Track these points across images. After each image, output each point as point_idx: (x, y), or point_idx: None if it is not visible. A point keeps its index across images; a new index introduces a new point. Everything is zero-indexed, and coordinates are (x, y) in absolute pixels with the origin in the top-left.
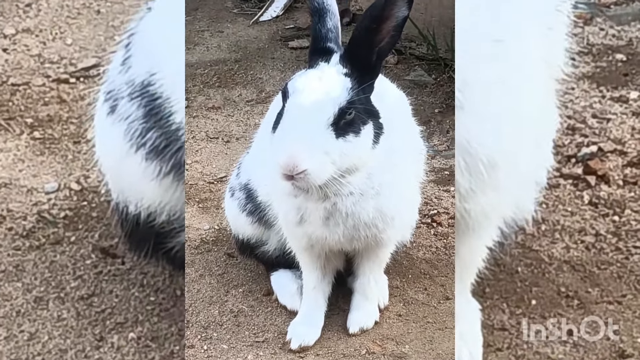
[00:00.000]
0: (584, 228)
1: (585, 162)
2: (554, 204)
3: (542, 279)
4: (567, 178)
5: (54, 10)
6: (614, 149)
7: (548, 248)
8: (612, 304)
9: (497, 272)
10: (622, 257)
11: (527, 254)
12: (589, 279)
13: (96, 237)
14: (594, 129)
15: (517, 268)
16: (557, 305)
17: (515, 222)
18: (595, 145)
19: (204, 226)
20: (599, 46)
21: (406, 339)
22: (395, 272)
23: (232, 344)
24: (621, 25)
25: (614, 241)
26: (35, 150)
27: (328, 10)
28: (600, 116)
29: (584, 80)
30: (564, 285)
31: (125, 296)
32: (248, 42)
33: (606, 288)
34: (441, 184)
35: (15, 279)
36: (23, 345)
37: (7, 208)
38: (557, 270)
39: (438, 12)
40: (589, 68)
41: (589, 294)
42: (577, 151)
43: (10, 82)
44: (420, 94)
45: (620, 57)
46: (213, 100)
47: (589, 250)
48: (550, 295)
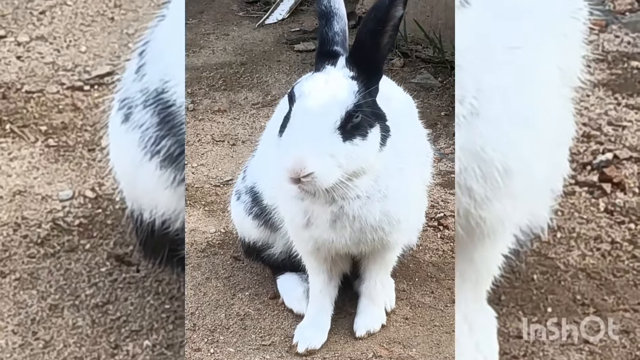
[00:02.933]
0: (599, 236)
1: (600, 169)
2: (570, 212)
3: (558, 287)
4: (583, 185)
5: (68, 17)
6: (629, 156)
7: (564, 255)
8: (629, 311)
9: (513, 279)
10: (638, 265)
11: (542, 261)
12: (605, 287)
13: (111, 244)
14: (609, 136)
15: (533, 275)
16: (573, 313)
17: (531, 229)
18: (611, 153)
19: (210, 229)
20: (614, 53)
21: (413, 343)
22: (402, 275)
23: (239, 347)
24: (636, 33)
25: (629, 249)
26: (50, 157)
27: (335, 14)
28: (616, 123)
29: (600, 87)
30: (580, 292)
31: (140, 304)
32: (254, 45)
33: (622, 296)
34: (447, 187)
35: (30, 286)
36: (38, 353)
37: (22, 215)
38: (573, 278)
39: (444, 15)
40: (605, 75)
41: (605, 301)
42: (592, 158)
43: (24, 90)
44: (427, 97)
45: (636, 65)
46: (219, 103)
47: (604, 257)
48: (567, 303)
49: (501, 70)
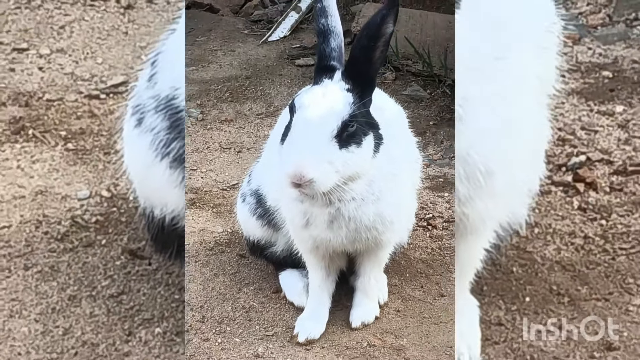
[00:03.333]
0: (573, 231)
1: (574, 170)
2: (546, 209)
3: (535, 278)
4: (558, 185)
5: (86, 31)
6: (601, 159)
7: (541, 249)
8: (600, 300)
9: (494, 271)
10: (609, 258)
11: (521, 255)
12: (579, 278)
13: (125, 240)
14: (582, 140)
15: (513, 268)
16: (549, 302)
17: (510, 225)
18: (584, 155)
19: (217, 229)
20: (587, 64)
21: (404, 333)
22: (394, 271)
23: (244, 337)
24: (607, 45)
25: (601, 243)
26: (69, 160)
27: (332, 32)
28: (589, 128)
29: (574, 95)
30: (556, 283)
31: (152, 294)
32: (258, 61)
33: (594, 286)
34: (436, 190)
35: (50, 278)
36: (58, 339)
37: (43, 213)
38: (549, 270)
39: (432, 32)
40: (578, 84)
41: (578, 291)
42: (567, 160)
43: (45, 98)
44: (416, 107)
45: (607, 74)
46: (226, 113)
47: (578, 251)
48: (543, 293)
49: (485, 79)
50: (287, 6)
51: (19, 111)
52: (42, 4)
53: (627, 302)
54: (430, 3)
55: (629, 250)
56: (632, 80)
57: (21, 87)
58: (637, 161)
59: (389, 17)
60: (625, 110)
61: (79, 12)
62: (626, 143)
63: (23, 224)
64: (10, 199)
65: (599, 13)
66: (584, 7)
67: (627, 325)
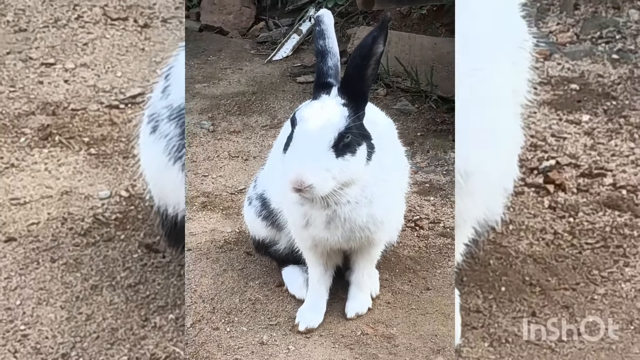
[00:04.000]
0: (544, 228)
1: (545, 173)
2: (520, 208)
3: (510, 270)
4: (531, 186)
5: (107, 48)
6: (569, 162)
7: (515, 244)
8: (568, 290)
9: (473, 264)
10: (576, 252)
11: (497, 249)
12: (549, 270)
13: (141, 235)
14: (552, 146)
15: (489, 261)
16: (523, 292)
17: (487, 222)
18: (554, 159)
19: (227, 229)
20: (557, 78)
21: (394, 323)
22: (385, 267)
23: (250, 326)
24: (575, 60)
25: (569, 239)
26: (91, 164)
27: (329, 52)
28: (558, 135)
29: (544, 105)
30: (528, 275)
31: (166, 284)
32: (263, 78)
33: (563, 277)
34: (422, 194)
35: (74, 270)
36: (81, 325)
37: (68, 212)
38: (522, 263)
39: (420, 53)
40: (549, 96)
41: (548, 282)
42: (538, 164)
43: (70, 108)
44: (405, 120)
45: (574, 87)
46: (234, 125)
47: (548, 246)
48: (517, 284)
49: (465, 89)
50: (289, 29)
51: (46, 119)
52: (68, 24)
53: (592, 291)
54: (417, 27)
55: (594, 245)
56: (597, 92)
57: (49, 97)
58: (601, 165)
59: (380, 38)
60: (591, 119)
61: (101, 31)
62: (592, 149)
63: (50, 221)
64: (38, 198)
65: (568, 32)
66: (554, 27)
67: (592, 313)
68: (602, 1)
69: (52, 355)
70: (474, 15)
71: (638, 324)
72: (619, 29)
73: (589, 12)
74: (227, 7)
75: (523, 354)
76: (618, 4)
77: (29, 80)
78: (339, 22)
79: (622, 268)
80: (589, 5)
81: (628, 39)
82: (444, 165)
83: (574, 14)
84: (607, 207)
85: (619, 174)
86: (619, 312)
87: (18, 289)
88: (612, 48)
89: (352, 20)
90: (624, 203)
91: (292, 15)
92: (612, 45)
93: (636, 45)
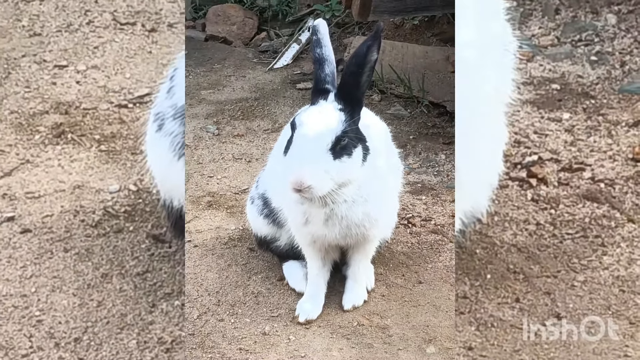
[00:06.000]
0: (527, 219)
1: (528, 167)
2: (504, 201)
3: (495, 259)
4: (515, 180)
5: (116, 51)
6: (550, 158)
7: (499, 234)
8: (550, 277)
9: (460, 253)
10: (557, 242)
11: (483, 239)
12: (532, 259)
13: (149, 226)
14: (535, 142)
15: (476, 250)
16: (507, 279)
17: (473, 214)
18: (536, 155)
19: (231, 227)
20: (539, 78)
21: (388, 314)
22: (380, 262)
23: (253, 318)
24: (556, 62)
25: (551, 229)
26: (102, 159)
27: (326, 60)
28: (540, 132)
29: (527, 104)
30: (512, 263)
31: (172, 272)
32: (265, 85)
33: (545, 265)
34: (415, 194)
35: (86, 259)
36: (93, 310)
37: (80, 205)
38: (506, 252)
39: (412, 60)
40: (531, 95)
41: (531, 270)
42: (522, 159)
43: (82, 107)
44: (399, 124)
45: (555, 87)
46: (238, 129)
47: (531, 236)
48: (502, 271)
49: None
50: (289, 39)
51: (59, 118)
52: (79, 28)
53: (572, 278)
54: (410, 36)
55: (573, 235)
56: (576, 91)
57: (62, 97)
58: (580, 160)
59: (373, 47)
60: (571, 117)
61: (111, 35)
62: (571, 145)
63: (63, 213)
64: (52, 192)
65: (549, 35)
66: (536, 30)
67: (572, 299)
68: (582, 6)
69: (65, 340)
70: (466, 23)
71: (615, 309)
72: (597, 32)
73: (569, 16)
74: (231, 19)
75: (507, 337)
76: (596, 9)
77: (43, 81)
78: (336, 32)
79: (601, 257)
80: (569, 10)
81: (606, 42)
82: (434, 167)
83: (555, 18)
84: (586, 199)
85: (597, 169)
86: (598, 297)
87: (33, 277)
88: (591, 50)
89: (349, 30)
90: (602, 196)
91: (292, 26)
92: (590, 47)
93: (613, 47)
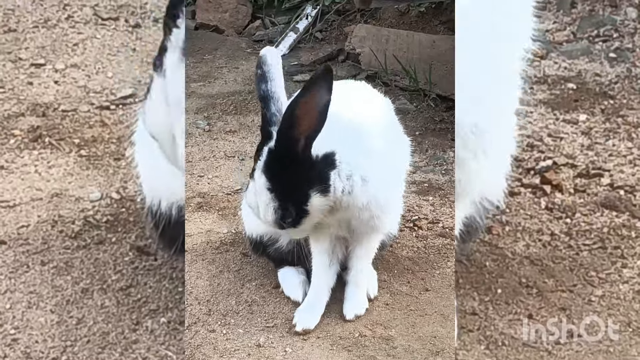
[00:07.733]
0: (541, 229)
1: (542, 173)
2: (516, 209)
3: (506, 272)
4: (527, 187)
5: (97, 48)
6: (566, 163)
7: (511, 246)
8: (565, 292)
9: (469, 266)
10: (573, 253)
11: (493, 250)
12: (546, 272)
13: (133, 237)
14: (549, 146)
15: (485, 263)
16: (519, 294)
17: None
18: (551, 160)
19: (223, 230)
20: (554, 77)
21: (392, 324)
22: (383, 268)
23: (247, 328)
24: (572, 59)
25: (566, 240)
26: (82, 165)
27: (272, 97)
28: (555, 135)
29: (541, 105)
30: (525, 277)
31: (158, 287)
32: None
33: (560, 279)
34: (421, 194)
35: (65, 273)
36: (72, 329)
37: (59, 214)
38: (518, 265)
39: (418, 50)
40: (545, 95)
41: (545, 284)
42: (535, 164)
43: (60, 109)
44: (404, 119)
45: (571, 86)
46: (230, 125)
47: (545, 247)
48: (513, 286)
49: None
50: (285, 27)
51: (36, 121)
52: (58, 24)
53: (589, 293)
54: (415, 24)
55: (591, 246)
56: (594, 91)
57: (38, 99)
58: (598, 165)
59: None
60: (588, 118)
61: (91, 31)
62: (589, 149)
63: (40, 224)
64: (28, 201)
65: (564, 30)
66: (550, 25)
67: (589, 315)
68: None
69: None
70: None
71: (636, 325)
72: (616, 27)
73: (586, 10)
74: (223, 5)
75: (520, 357)
76: (615, 2)
77: (18, 81)
78: (337, 20)
79: (620, 269)
80: (586, 3)
81: (625, 38)
82: (442, 165)
83: (570, 12)
84: (604, 207)
85: (616, 174)
86: (617, 314)
87: (8, 293)
88: (610, 47)
89: (350, 18)
90: (621, 203)
91: (288, 13)
92: (609, 43)
93: (634, 43)
